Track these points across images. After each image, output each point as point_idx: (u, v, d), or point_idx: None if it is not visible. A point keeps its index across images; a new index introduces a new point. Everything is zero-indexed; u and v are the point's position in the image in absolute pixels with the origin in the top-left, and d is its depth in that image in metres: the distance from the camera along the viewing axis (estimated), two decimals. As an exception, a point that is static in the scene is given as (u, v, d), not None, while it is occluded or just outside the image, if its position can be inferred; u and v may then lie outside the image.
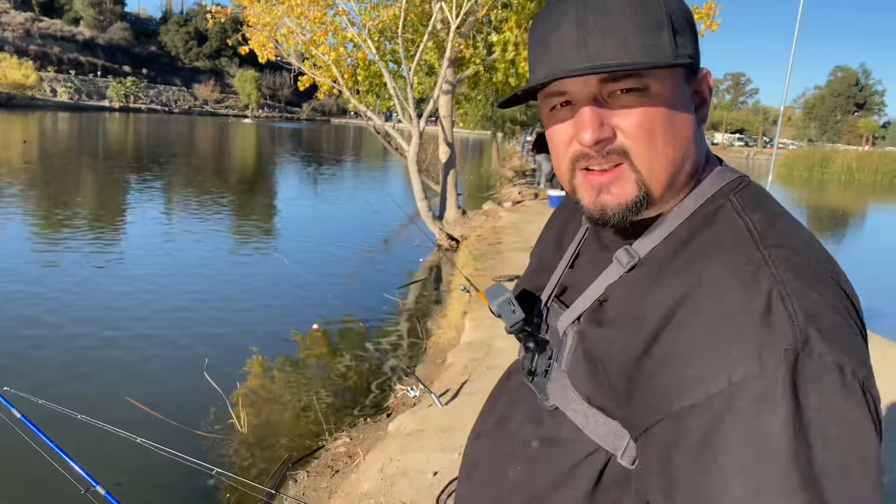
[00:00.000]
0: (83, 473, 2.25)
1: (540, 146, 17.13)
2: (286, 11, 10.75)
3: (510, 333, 0.88)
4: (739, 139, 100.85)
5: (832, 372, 0.59)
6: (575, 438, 0.79)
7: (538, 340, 0.87)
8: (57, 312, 6.83)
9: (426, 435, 3.85)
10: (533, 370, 0.86)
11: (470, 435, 1.00)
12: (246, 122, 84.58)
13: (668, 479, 0.61)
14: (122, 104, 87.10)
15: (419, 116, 11.13)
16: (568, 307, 0.85)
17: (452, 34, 10.36)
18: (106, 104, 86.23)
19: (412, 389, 4.76)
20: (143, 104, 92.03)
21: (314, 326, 6.69)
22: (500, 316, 0.86)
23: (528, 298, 0.92)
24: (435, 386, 4.70)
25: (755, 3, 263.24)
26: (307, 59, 12.12)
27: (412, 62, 10.72)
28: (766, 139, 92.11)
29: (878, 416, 0.59)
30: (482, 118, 24.55)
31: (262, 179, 23.80)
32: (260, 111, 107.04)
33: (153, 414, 4.45)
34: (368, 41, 10.72)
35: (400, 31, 10.37)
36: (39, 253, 9.40)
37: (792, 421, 0.56)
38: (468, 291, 7.04)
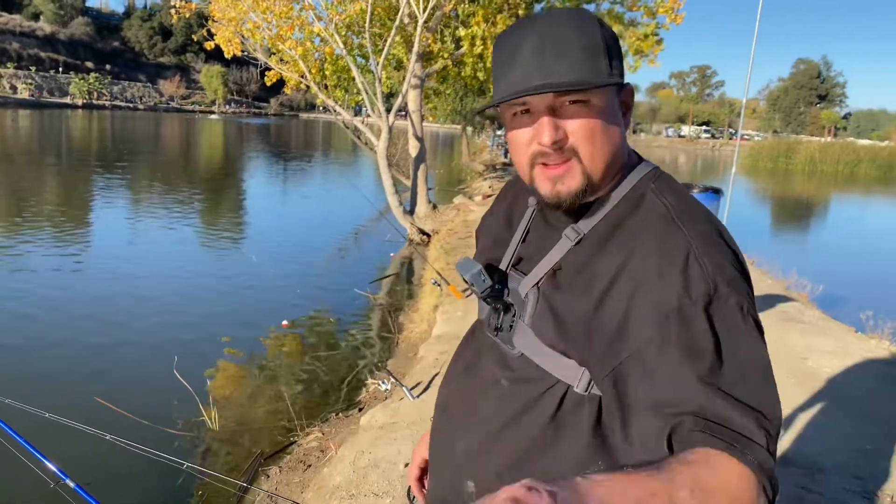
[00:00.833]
0: (52, 467, 2.24)
1: None
2: (252, 6, 10.67)
3: (481, 298, 1.07)
4: (706, 131, 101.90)
5: (735, 310, 0.85)
6: (539, 376, 0.99)
7: (504, 302, 1.05)
8: (22, 314, 6.73)
9: (398, 427, 3.89)
10: (499, 326, 1.06)
11: (441, 384, 1.21)
12: (213, 118, 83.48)
13: (650, 376, 0.85)
14: (85, 101, 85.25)
15: (388, 111, 11.13)
16: (525, 275, 1.04)
17: (420, 28, 10.37)
18: (68, 101, 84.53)
19: (384, 383, 4.79)
20: (106, 101, 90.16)
21: (284, 322, 6.69)
22: (472, 284, 1.04)
23: (490, 269, 1.09)
24: (406, 379, 4.74)
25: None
26: (274, 54, 12.03)
27: (380, 57, 10.71)
28: (731, 131, 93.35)
29: (762, 333, 0.87)
30: (451, 112, 24.61)
31: (229, 176, 23.55)
32: (227, 107, 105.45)
33: (123, 413, 4.42)
34: (335, 36, 10.68)
35: (367, 25, 10.35)
36: (2, 255, 9.22)
37: (713, 341, 0.83)
38: (439, 285, 7.08)
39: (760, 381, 0.83)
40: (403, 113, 12.14)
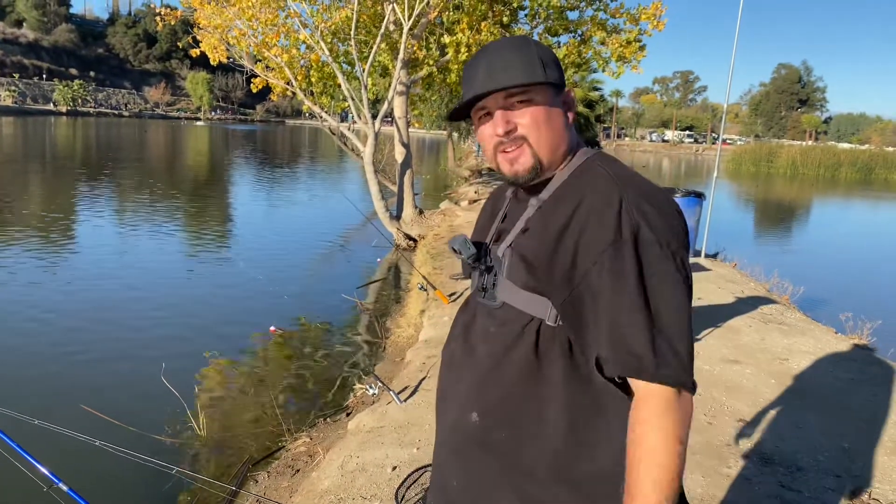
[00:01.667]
0: (45, 471, 2.26)
1: None
2: (237, 14, 10.68)
3: (468, 263, 1.34)
4: (689, 136, 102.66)
5: (654, 245, 1.10)
6: (518, 317, 1.24)
7: (487, 265, 1.32)
8: (7, 322, 6.70)
9: (385, 431, 3.92)
10: (484, 287, 1.32)
11: (444, 346, 1.45)
12: (198, 124, 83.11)
13: (594, 301, 1.12)
14: (69, 108, 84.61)
15: (374, 117, 11.16)
16: (502, 243, 1.30)
17: (405, 36, 10.43)
18: (52, 108, 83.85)
19: (371, 388, 4.82)
20: (91, 108, 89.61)
21: (272, 328, 6.69)
22: (460, 252, 1.32)
23: (476, 244, 1.36)
24: (394, 383, 4.76)
25: (701, 1, 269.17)
26: (260, 60, 12.04)
27: (366, 63, 10.75)
28: (714, 136, 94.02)
29: (686, 269, 1.12)
30: (437, 118, 24.69)
31: (216, 183, 23.47)
32: (212, 113, 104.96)
33: (111, 420, 4.42)
34: (321, 43, 10.71)
35: (353, 32, 10.40)
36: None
37: (637, 269, 1.09)
38: (426, 290, 7.12)
39: (674, 307, 1.08)
40: (389, 119, 12.18)
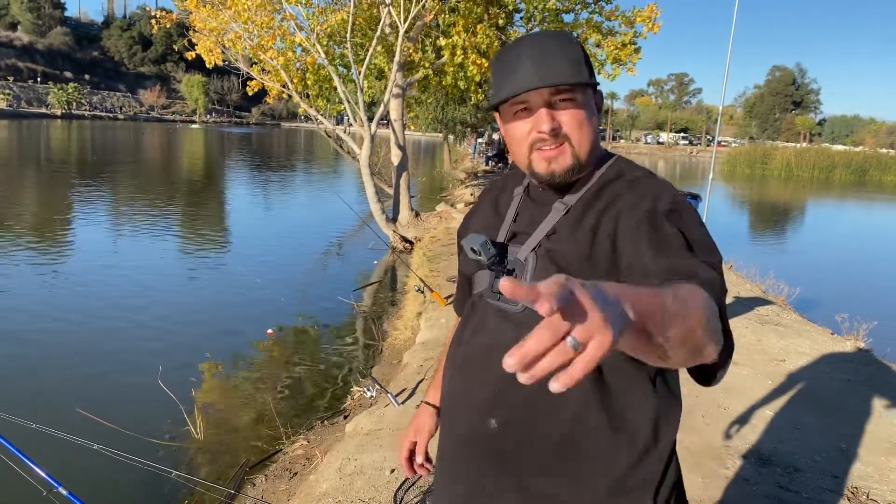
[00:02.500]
0: (45, 476, 2.25)
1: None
2: (233, 16, 10.66)
3: (487, 266, 1.25)
4: (684, 138, 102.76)
5: (691, 215, 1.14)
6: (540, 322, 1.11)
7: (507, 268, 1.25)
8: (3, 326, 6.68)
9: (383, 434, 3.92)
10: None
11: (451, 346, 1.39)
12: (194, 127, 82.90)
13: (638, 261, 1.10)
14: (64, 111, 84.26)
15: (370, 120, 11.16)
16: (521, 245, 1.25)
17: (401, 38, 10.43)
18: (47, 111, 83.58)
19: (369, 390, 4.81)
20: (86, 111, 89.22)
21: (269, 331, 6.69)
22: (479, 254, 1.23)
23: (492, 242, 1.28)
24: (391, 386, 4.76)
25: (696, 3, 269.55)
26: (256, 63, 12.02)
27: (362, 66, 10.75)
28: (709, 138, 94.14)
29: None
30: (433, 120, 24.69)
31: (212, 186, 23.42)
32: (208, 116, 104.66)
33: (108, 425, 4.40)
34: (317, 46, 10.71)
35: (349, 35, 10.40)
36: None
37: (674, 229, 1.10)
38: (423, 292, 7.11)
39: (712, 248, 1.10)
40: (385, 122, 12.18)
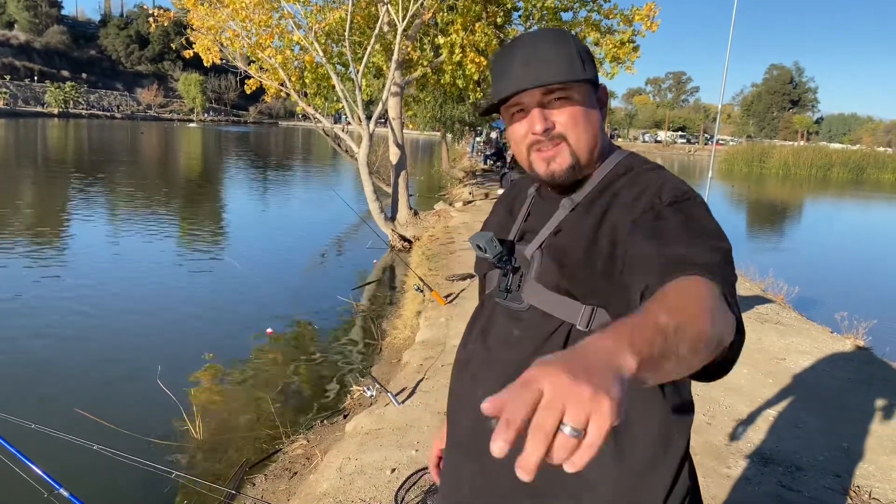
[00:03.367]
0: (46, 477, 2.24)
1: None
2: (231, 15, 10.63)
3: (493, 262, 1.25)
4: (682, 136, 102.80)
5: (696, 203, 1.08)
6: (546, 321, 1.17)
7: (514, 266, 1.24)
8: (1, 326, 6.65)
9: (383, 433, 3.90)
10: (508, 288, 1.23)
11: (458, 347, 1.37)
12: (191, 126, 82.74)
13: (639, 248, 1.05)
14: (61, 110, 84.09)
15: (368, 118, 11.14)
16: (529, 244, 1.24)
17: (399, 37, 10.41)
18: (44, 110, 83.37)
19: (369, 389, 4.80)
20: (83, 110, 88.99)
21: (268, 330, 6.67)
22: (485, 250, 1.23)
23: (500, 241, 1.28)
24: (391, 385, 4.75)
25: (694, 2, 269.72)
26: (254, 62, 11.99)
27: (360, 65, 10.73)
28: (707, 136, 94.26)
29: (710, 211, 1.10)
30: (431, 119, 24.65)
31: (210, 184, 23.39)
32: (205, 115, 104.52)
33: (108, 425, 4.38)
34: (315, 44, 10.69)
35: (347, 33, 10.37)
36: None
37: (677, 218, 1.05)
38: (422, 291, 7.10)
39: (717, 235, 1.04)
40: (383, 120, 12.16)
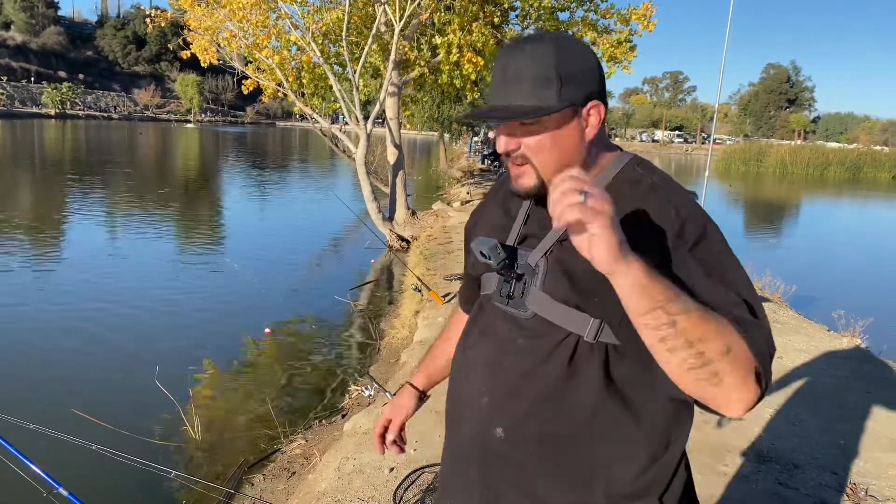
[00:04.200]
0: (45, 476, 2.24)
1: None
2: (228, 15, 10.63)
3: (496, 270, 1.23)
4: (679, 136, 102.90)
5: (718, 242, 1.10)
6: (552, 332, 1.16)
7: (517, 273, 1.22)
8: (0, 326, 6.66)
9: (382, 432, 3.90)
10: (511, 294, 1.22)
11: (457, 350, 1.36)
12: (189, 126, 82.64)
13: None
14: (58, 111, 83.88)
15: (366, 118, 11.14)
16: (532, 249, 1.21)
17: (396, 37, 10.42)
18: (41, 111, 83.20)
19: (367, 389, 4.81)
20: (80, 110, 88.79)
21: (266, 330, 6.67)
22: (488, 258, 1.20)
23: (501, 245, 1.24)
24: (389, 385, 4.75)
25: (691, 1, 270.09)
26: (251, 62, 11.99)
27: (357, 65, 10.73)
28: (704, 135, 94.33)
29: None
30: (429, 119, 24.66)
31: (208, 185, 23.37)
32: (203, 116, 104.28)
33: (106, 425, 4.38)
34: (312, 44, 10.69)
35: (344, 33, 10.38)
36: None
37: (705, 263, 1.06)
38: (420, 291, 7.10)
39: (745, 283, 1.07)
40: (381, 120, 12.16)
